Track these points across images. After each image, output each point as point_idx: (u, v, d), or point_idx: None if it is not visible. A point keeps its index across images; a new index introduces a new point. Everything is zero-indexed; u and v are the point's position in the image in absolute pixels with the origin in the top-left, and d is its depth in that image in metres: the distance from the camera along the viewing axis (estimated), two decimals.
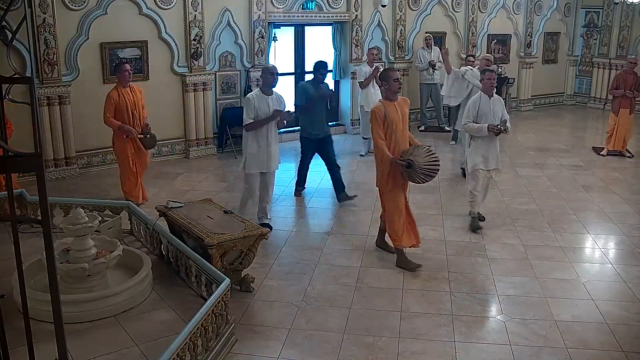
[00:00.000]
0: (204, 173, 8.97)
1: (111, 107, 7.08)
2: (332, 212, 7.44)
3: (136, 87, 7.40)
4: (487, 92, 6.58)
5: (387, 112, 5.57)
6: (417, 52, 11.94)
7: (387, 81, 5.67)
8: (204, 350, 3.97)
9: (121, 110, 7.12)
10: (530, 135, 11.92)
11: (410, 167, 5.46)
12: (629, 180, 8.98)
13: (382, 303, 5.06)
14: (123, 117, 7.14)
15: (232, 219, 5.43)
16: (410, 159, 5.46)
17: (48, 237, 2.40)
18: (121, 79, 7.18)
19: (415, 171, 5.47)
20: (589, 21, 14.76)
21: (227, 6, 9.70)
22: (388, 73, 5.74)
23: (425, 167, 5.47)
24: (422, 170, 5.47)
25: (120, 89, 7.17)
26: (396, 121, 5.60)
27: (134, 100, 7.22)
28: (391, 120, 5.57)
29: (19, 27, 2.56)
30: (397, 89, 5.66)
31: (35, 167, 2.30)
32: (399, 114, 5.64)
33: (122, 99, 7.13)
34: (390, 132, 5.59)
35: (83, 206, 5.67)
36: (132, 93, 7.23)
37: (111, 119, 7.11)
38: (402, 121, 5.67)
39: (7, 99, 2.67)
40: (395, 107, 5.65)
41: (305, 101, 7.42)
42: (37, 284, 4.73)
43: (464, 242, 6.43)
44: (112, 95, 7.12)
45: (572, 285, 5.46)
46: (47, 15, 8.04)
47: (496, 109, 6.56)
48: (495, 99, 6.62)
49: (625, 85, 9.97)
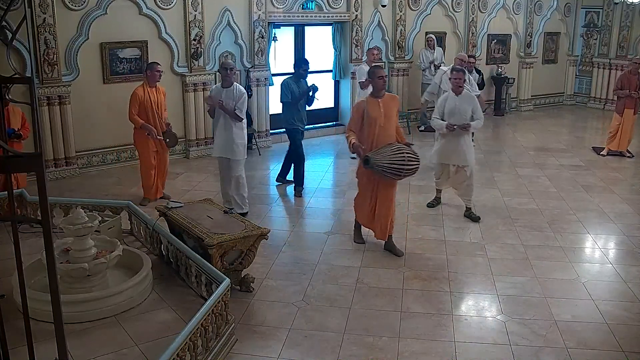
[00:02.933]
0: (204, 173, 8.97)
1: (136, 104, 7.15)
2: (332, 212, 7.44)
3: (161, 87, 7.47)
4: (454, 91, 6.90)
5: (368, 108, 5.77)
6: (420, 52, 11.95)
7: (372, 78, 5.91)
8: (204, 350, 3.97)
9: (145, 108, 7.19)
10: (530, 135, 11.92)
11: (367, 163, 5.66)
12: (629, 180, 8.98)
13: (382, 303, 5.06)
14: (146, 115, 7.21)
15: (232, 219, 5.43)
16: (368, 155, 5.65)
17: (48, 237, 2.40)
18: (150, 77, 7.26)
19: (373, 167, 5.66)
20: (589, 21, 14.76)
21: (227, 6, 9.70)
22: (374, 71, 5.92)
23: (387, 164, 5.62)
24: (380, 168, 5.65)
25: (147, 88, 7.24)
26: (377, 117, 5.76)
27: (157, 100, 7.30)
28: (371, 116, 5.74)
29: (19, 27, 2.56)
30: (381, 86, 5.85)
31: (35, 167, 2.30)
32: (381, 111, 5.79)
33: (146, 97, 7.19)
34: (370, 128, 5.77)
35: (83, 206, 5.68)
36: (157, 93, 7.32)
37: (135, 116, 7.17)
38: (385, 118, 5.80)
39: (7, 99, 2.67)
40: (379, 103, 5.81)
41: (290, 97, 7.75)
42: (37, 284, 4.73)
43: (464, 242, 6.43)
44: (138, 92, 7.19)
45: (572, 285, 5.46)
46: (47, 15, 8.04)
47: (463, 107, 6.80)
48: (463, 96, 6.86)
49: (630, 86, 9.97)
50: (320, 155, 10.08)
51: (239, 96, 6.80)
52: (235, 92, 6.82)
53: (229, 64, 7.03)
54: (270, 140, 10.63)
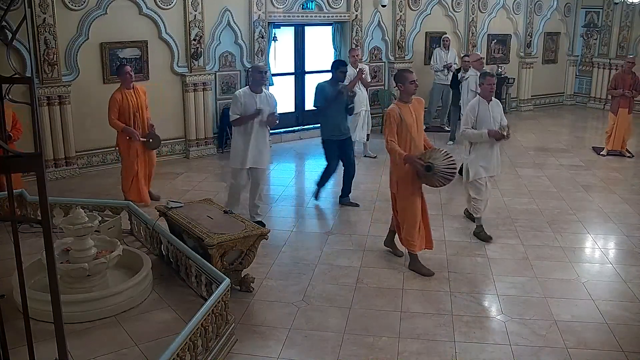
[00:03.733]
0: (204, 173, 8.97)
1: (115, 109, 7.09)
2: (332, 212, 7.44)
3: (140, 87, 7.41)
4: (485, 97, 6.37)
5: (403, 114, 5.46)
6: (434, 53, 11.94)
7: (403, 83, 5.51)
8: (204, 350, 3.97)
9: (124, 111, 7.12)
10: (530, 135, 11.92)
11: (430, 170, 5.36)
12: (629, 180, 8.98)
13: (382, 303, 5.06)
14: (126, 118, 7.14)
15: (232, 219, 5.43)
16: (430, 162, 5.36)
17: (48, 237, 2.40)
18: (123, 81, 7.19)
19: (435, 174, 5.37)
20: (589, 21, 14.76)
21: (227, 6, 9.69)
22: (405, 75, 5.55)
23: (445, 170, 5.38)
24: (441, 174, 5.38)
25: (124, 91, 7.17)
26: (411, 123, 5.50)
27: (137, 102, 7.22)
28: (406, 122, 5.46)
29: (19, 27, 2.56)
30: (413, 90, 5.53)
31: (35, 167, 2.30)
32: (413, 116, 5.54)
33: (125, 100, 7.12)
34: (406, 134, 5.48)
35: (83, 206, 5.67)
36: (135, 95, 7.24)
37: (115, 121, 7.12)
38: (416, 123, 5.57)
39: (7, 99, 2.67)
40: (410, 109, 5.54)
41: (323, 102, 7.20)
42: (37, 284, 4.73)
43: (464, 242, 6.43)
44: (116, 96, 7.13)
45: (572, 285, 5.45)
46: (47, 15, 8.04)
47: (495, 114, 6.35)
48: (494, 103, 6.41)
49: (624, 85, 9.98)
50: (320, 156, 10.05)
51: (274, 103, 6.54)
52: (269, 98, 6.55)
53: (262, 66, 6.65)
54: (271, 140, 10.56)
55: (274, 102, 6.57)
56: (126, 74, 7.17)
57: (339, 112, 7.28)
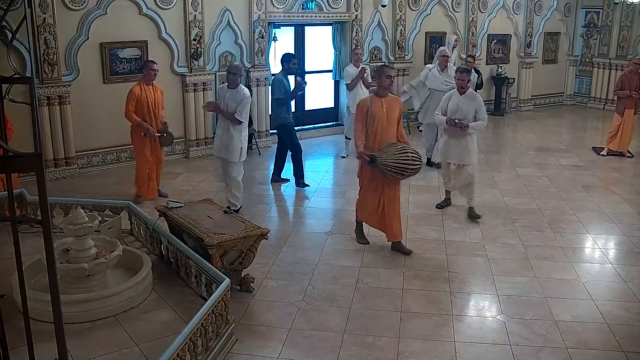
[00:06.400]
0: (204, 173, 8.97)
1: (133, 102, 7.17)
2: (332, 212, 7.44)
3: (159, 86, 7.50)
4: (458, 90, 6.94)
5: (372, 106, 5.69)
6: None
7: (380, 76, 5.80)
8: (204, 350, 3.97)
9: (141, 106, 7.21)
10: (530, 135, 11.92)
11: (373, 162, 5.63)
12: (629, 180, 8.98)
13: (382, 303, 5.06)
14: (142, 113, 7.23)
15: (232, 219, 5.43)
16: (374, 155, 5.62)
17: (48, 237, 2.40)
18: (146, 75, 7.30)
19: (378, 167, 5.64)
20: (589, 21, 14.76)
21: (227, 6, 9.69)
22: (383, 69, 5.85)
23: (392, 164, 5.61)
24: (386, 167, 5.63)
25: (144, 86, 7.26)
26: (380, 117, 5.71)
27: (154, 99, 7.32)
28: (374, 115, 5.69)
29: (19, 27, 2.56)
30: (387, 85, 5.79)
31: (35, 167, 2.30)
32: (384, 111, 5.74)
33: (143, 95, 7.21)
34: (372, 127, 5.72)
35: (83, 206, 5.68)
36: (154, 91, 7.34)
37: (132, 114, 7.19)
38: (387, 118, 5.76)
39: (7, 99, 2.67)
40: (382, 103, 5.77)
41: (283, 93, 7.86)
42: (37, 284, 4.74)
43: (464, 242, 6.43)
44: (135, 90, 7.21)
45: (572, 285, 5.45)
46: (47, 15, 8.04)
47: (465, 107, 6.82)
48: (467, 96, 6.87)
49: (631, 86, 9.96)
50: (320, 155, 10.08)
51: (240, 99, 6.79)
52: (239, 94, 6.82)
53: (234, 67, 7.01)
54: (270, 140, 10.62)
55: (242, 99, 6.82)
56: (151, 69, 7.28)
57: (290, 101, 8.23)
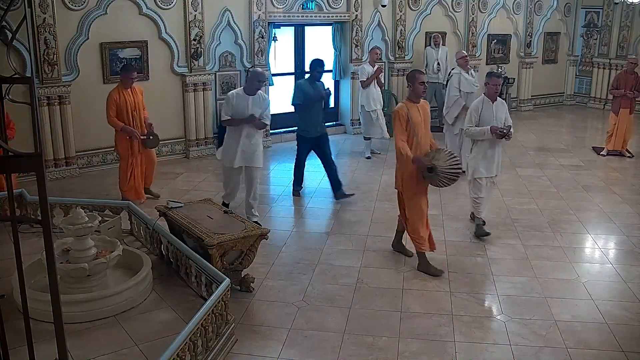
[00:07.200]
0: (204, 173, 8.97)
1: (113, 107, 7.14)
2: (332, 212, 7.44)
3: (137, 87, 7.43)
4: (490, 97, 6.39)
5: (410, 113, 5.49)
6: (425, 51, 11.97)
7: (412, 83, 5.57)
8: (204, 350, 3.97)
9: (121, 110, 7.17)
10: (530, 135, 11.92)
11: (432, 171, 5.42)
12: (629, 180, 8.98)
13: (382, 303, 5.06)
14: (123, 117, 7.19)
15: (232, 219, 5.43)
16: (433, 163, 5.42)
17: (48, 237, 2.40)
18: (124, 81, 7.24)
19: (437, 175, 5.43)
20: (589, 21, 14.76)
21: (227, 6, 9.69)
22: (415, 75, 5.60)
23: (448, 171, 5.42)
24: (444, 175, 5.43)
25: (122, 90, 7.21)
26: (418, 123, 5.53)
27: (134, 101, 7.26)
28: (414, 122, 5.50)
29: (19, 27, 2.55)
30: (421, 92, 5.57)
31: (35, 167, 2.30)
32: (421, 116, 5.58)
33: (122, 99, 7.17)
34: (413, 134, 5.51)
35: (83, 206, 5.68)
36: (133, 94, 7.27)
37: (114, 119, 7.16)
38: (424, 123, 5.61)
39: (7, 99, 2.67)
40: (418, 109, 5.58)
41: (302, 100, 7.43)
42: (37, 284, 4.74)
43: (464, 242, 6.42)
44: (113, 95, 7.17)
45: (572, 285, 5.46)
46: (47, 15, 8.04)
47: (499, 114, 6.37)
48: (498, 103, 6.43)
49: (626, 86, 9.97)
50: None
51: (266, 105, 6.60)
52: (261, 99, 6.61)
53: (262, 75, 6.69)
54: (271, 140, 10.63)
55: (266, 103, 6.63)
56: (130, 78, 7.22)
57: (317, 111, 7.58)
